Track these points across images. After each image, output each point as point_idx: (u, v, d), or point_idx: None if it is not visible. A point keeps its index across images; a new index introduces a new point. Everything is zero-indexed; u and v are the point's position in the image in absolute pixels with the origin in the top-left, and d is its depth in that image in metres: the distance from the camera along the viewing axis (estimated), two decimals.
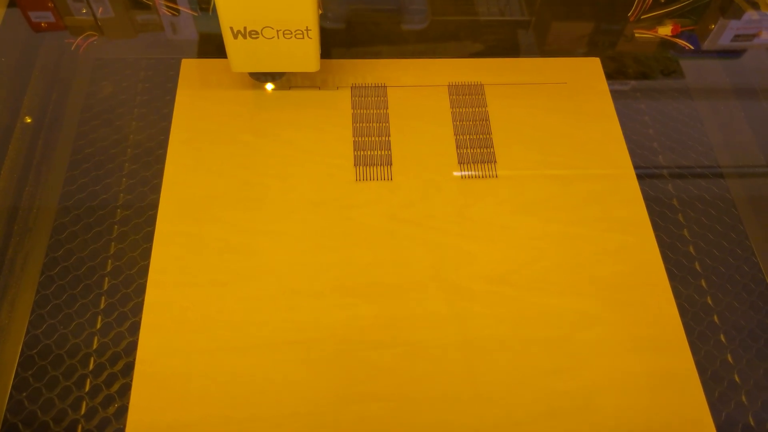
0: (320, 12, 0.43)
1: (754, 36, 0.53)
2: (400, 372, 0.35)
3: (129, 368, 0.35)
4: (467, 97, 0.47)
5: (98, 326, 0.36)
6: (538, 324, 0.37)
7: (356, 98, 0.46)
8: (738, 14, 0.53)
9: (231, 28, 0.38)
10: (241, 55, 0.40)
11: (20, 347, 0.35)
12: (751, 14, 0.52)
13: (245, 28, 0.38)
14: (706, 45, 0.53)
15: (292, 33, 0.38)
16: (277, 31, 0.38)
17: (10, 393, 0.34)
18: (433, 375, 0.35)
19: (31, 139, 0.44)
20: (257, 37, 0.39)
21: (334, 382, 0.34)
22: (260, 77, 0.45)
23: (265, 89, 0.46)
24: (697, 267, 0.41)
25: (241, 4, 0.37)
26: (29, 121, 0.45)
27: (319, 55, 0.41)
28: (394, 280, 0.38)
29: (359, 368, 0.35)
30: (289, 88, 0.46)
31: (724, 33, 0.53)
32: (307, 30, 0.38)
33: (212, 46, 0.50)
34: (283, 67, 0.42)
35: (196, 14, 0.51)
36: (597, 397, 0.35)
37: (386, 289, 0.37)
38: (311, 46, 0.40)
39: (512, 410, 0.34)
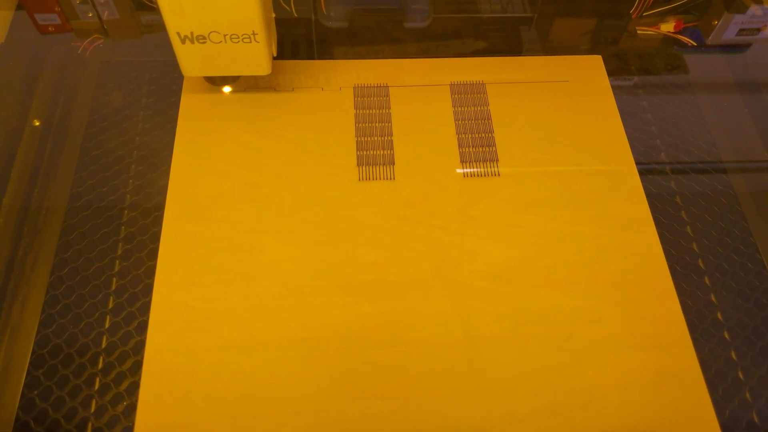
0: (273, 15, 0.43)
1: (758, 30, 0.53)
2: (403, 369, 0.35)
3: (137, 367, 0.35)
4: (469, 96, 0.47)
5: (107, 326, 0.37)
6: (541, 321, 0.37)
7: (359, 98, 0.46)
8: (742, 9, 0.52)
9: (178, 33, 0.38)
10: (190, 60, 0.40)
11: (31, 346, 0.36)
12: (755, 9, 0.52)
13: (192, 33, 0.38)
14: (710, 40, 0.53)
15: (239, 37, 0.38)
16: (224, 35, 0.38)
17: (22, 391, 0.35)
18: (436, 372, 0.35)
19: (39, 141, 0.45)
20: (205, 42, 0.38)
21: (337, 380, 0.35)
22: (215, 81, 0.45)
23: (273, 90, 0.46)
24: (701, 264, 0.41)
25: (186, 10, 0.37)
26: (37, 124, 0.46)
27: (270, 58, 0.41)
28: (397, 278, 0.38)
29: (362, 366, 0.35)
30: (292, 89, 0.47)
31: (728, 28, 0.52)
32: (254, 34, 0.38)
33: None
34: (233, 71, 0.42)
35: None
36: (599, 395, 0.35)
37: (389, 288, 0.38)
38: (260, 49, 0.39)
39: (515, 407, 0.34)
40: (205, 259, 0.38)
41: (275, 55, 0.43)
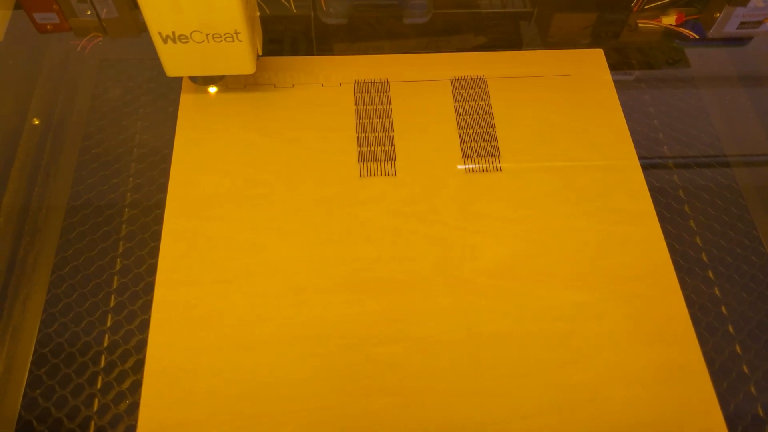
0: (258, 14, 0.42)
1: (760, 23, 0.52)
2: (406, 367, 0.35)
3: (139, 365, 0.35)
4: (470, 90, 0.47)
5: (108, 324, 0.37)
6: (544, 317, 0.37)
7: (359, 94, 0.46)
8: (743, 2, 0.52)
9: (159, 33, 0.38)
10: (173, 59, 0.40)
11: (33, 345, 0.36)
12: (756, 1, 0.52)
13: (174, 33, 0.38)
14: (712, 33, 0.52)
15: (221, 36, 0.38)
16: (207, 35, 0.38)
17: (24, 390, 0.35)
18: (439, 369, 0.35)
19: (39, 140, 0.45)
20: (187, 42, 0.38)
21: (340, 378, 0.34)
22: (199, 80, 0.45)
23: (273, 87, 0.46)
24: (704, 258, 0.41)
25: (167, 9, 0.36)
26: (37, 122, 0.46)
27: (254, 57, 0.41)
28: (399, 275, 0.38)
29: (365, 363, 0.35)
30: (292, 86, 0.46)
31: (729, 21, 0.52)
32: (236, 33, 0.38)
33: None
34: (217, 71, 0.41)
35: None
36: (604, 390, 0.35)
37: (391, 285, 0.38)
38: (243, 48, 0.39)
39: (519, 404, 0.34)
40: (207, 256, 0.38)
41: (260, 54, 0.43)
